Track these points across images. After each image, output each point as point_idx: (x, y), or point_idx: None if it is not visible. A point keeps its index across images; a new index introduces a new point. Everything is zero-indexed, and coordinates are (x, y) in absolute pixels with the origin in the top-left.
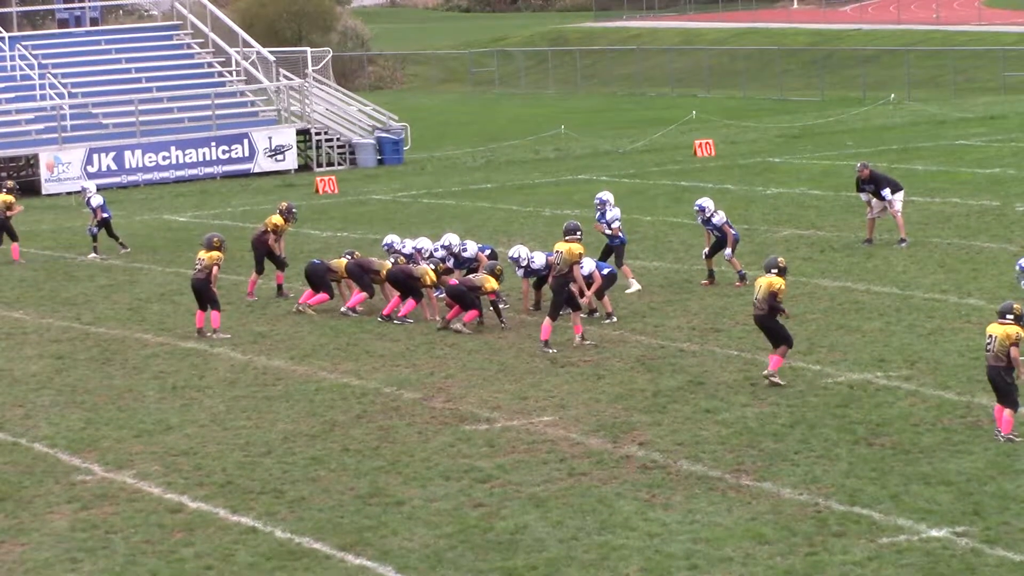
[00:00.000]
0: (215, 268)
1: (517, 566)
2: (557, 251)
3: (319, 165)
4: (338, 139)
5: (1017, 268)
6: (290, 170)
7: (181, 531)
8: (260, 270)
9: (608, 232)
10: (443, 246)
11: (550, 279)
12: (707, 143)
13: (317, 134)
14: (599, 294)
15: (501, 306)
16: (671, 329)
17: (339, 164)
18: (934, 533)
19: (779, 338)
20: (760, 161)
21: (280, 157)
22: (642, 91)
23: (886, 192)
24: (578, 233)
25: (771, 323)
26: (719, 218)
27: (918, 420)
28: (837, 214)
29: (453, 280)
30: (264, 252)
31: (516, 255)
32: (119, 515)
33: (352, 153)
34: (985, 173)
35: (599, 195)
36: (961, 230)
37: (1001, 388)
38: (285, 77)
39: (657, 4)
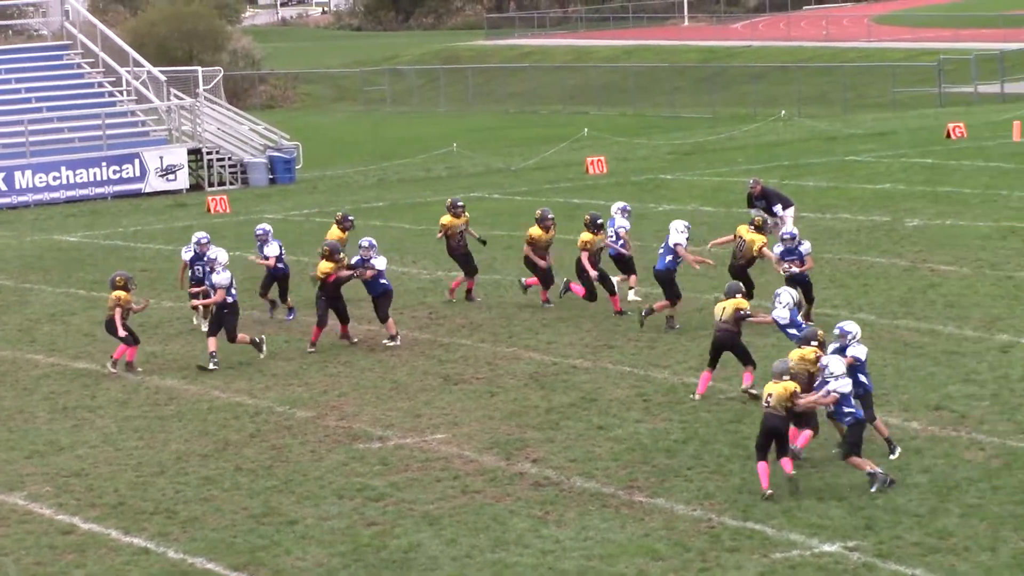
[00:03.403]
0: (117, 310)
1: None
2: (739, 237)
3: (211, 185)
4: (230, 158)
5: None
6: (181, 190)
7: (72, 553)
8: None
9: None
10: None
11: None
12: (599, 160)
13: (208, 153)
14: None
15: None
16: (564, 346)
17: (231, 183)
18: (827, 548)
19: (745, 356)
20: (652, 178)
21: (171, 177)
22: (534, 109)
23: (777, 208)
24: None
25: (737, 342)
26: (806, 247)
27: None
28: (729, 230)
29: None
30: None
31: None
32: (9, 537)
33: (244, 172)
34: (875, 189)
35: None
36: (852, 245)
37: (798, 419)
38: (176, 97)
39: (548, 22)
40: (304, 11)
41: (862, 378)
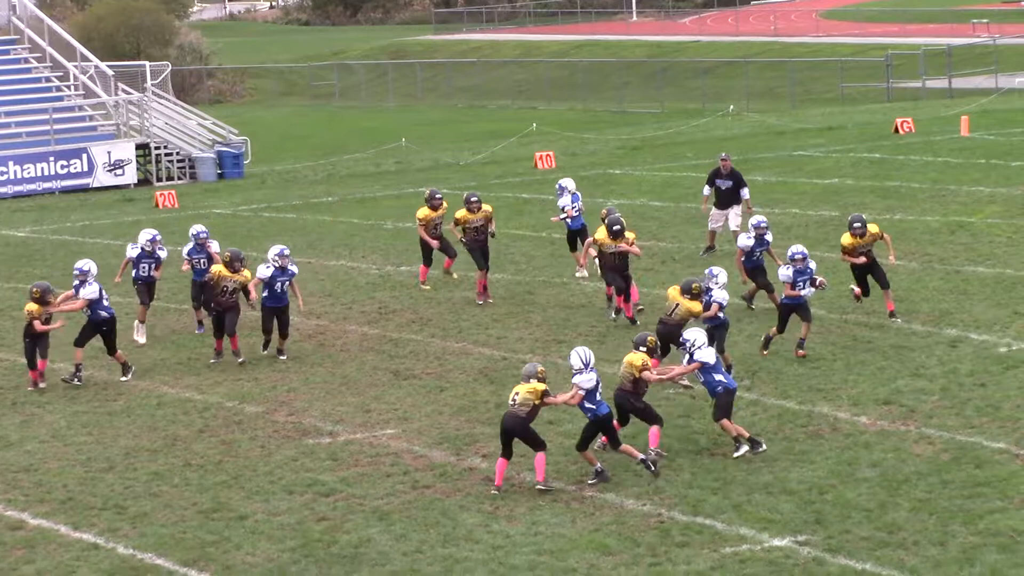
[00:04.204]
0: (35, 322)
1: None
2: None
3: (159, 179)
4: (178, 153)
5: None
6: (129, 184)
7: (22, 548)
8: (427, 261)
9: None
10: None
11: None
12: (547, 155)
13: (156, 148)
14: None
15: None
16: (513, 341)
17: (179, 178)
18: (776, 543)
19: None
20: (601, 173)
21: (119, 172)
22: (482, 104)
23: (744, 191)
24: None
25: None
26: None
27: (759, 430)
28: (678, 225)
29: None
30: (427, 245)
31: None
32: None
33: (192, 167)
34: (824, 183)
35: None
36: (801, 240)
37: (630, 411)
38: (124, 91)
39: (497, 17)
40: (252, 6)
41: (719, 377)
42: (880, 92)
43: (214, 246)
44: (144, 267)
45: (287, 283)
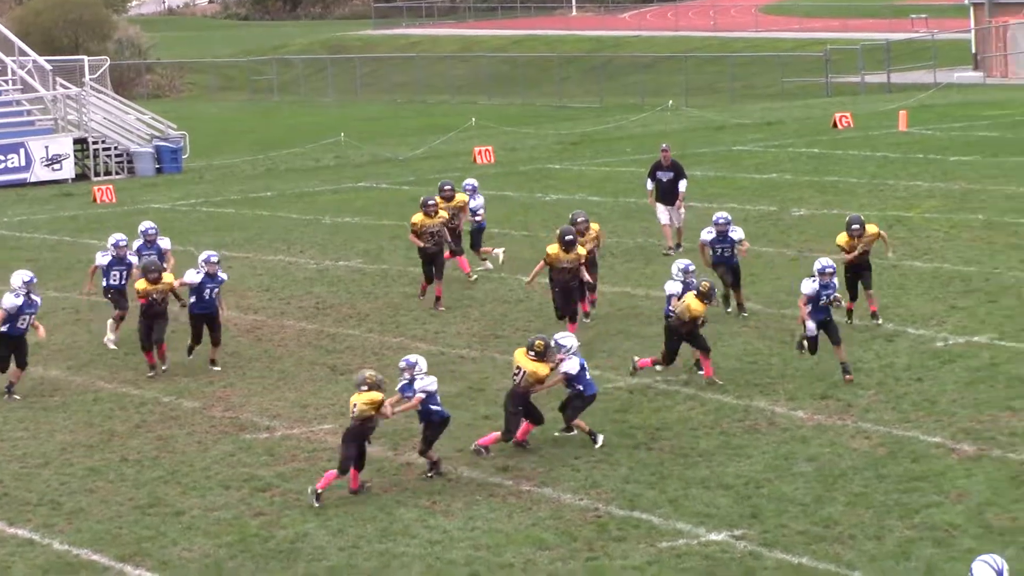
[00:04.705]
0: None
1: (298, 575)
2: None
3: (97, 174)
4: (116, 148)
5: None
6: (67, 179)
7: None
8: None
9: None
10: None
11: None
12: (487, 150)
13: (95, 143)
14: None
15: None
16: (451, 336)
17: (117, 173)
18: (713, 537)
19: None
20: (539, 167)
21: (57, 166)
22: (422, 99)
23: (682, 184)
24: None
25: (695, 333)
26: (739, 234)
27: (696, 424)
28: (616, 220)
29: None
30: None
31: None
32: None
33: (130, 162)
34: (762, 178)
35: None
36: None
37: (505, 412)
38: (62, 86)
39: (436, 12)
40: (191, 0)
41: (580, 386)
42: (819, 87)
43: (164, 243)
44: (116, 275)
45: (216, 290)
